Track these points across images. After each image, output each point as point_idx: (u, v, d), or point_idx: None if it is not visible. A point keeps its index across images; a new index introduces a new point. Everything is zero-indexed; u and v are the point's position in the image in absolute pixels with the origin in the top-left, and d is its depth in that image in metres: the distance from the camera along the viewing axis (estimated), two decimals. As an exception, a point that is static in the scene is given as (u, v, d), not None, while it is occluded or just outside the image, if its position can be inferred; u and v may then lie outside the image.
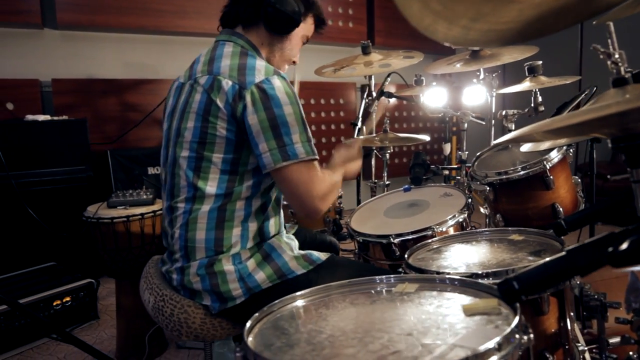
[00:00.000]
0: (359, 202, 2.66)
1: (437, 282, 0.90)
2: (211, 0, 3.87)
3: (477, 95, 2.98)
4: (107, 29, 3.62)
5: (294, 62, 1.49)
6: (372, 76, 2.25)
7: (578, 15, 0.62)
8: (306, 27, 1.43)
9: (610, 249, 0.61)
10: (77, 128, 3.09)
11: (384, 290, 0.94)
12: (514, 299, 0.73)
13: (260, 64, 1.26)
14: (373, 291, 0.94)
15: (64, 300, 2.47)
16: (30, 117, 3.03)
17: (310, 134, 1.24)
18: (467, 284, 0.87)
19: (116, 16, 3.57)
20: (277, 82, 1.21)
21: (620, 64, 0.74)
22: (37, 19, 3.29)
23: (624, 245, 0.59)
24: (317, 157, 1.23)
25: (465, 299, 0.85)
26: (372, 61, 2.12)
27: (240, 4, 1.35)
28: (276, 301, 0.88)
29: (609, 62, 0.74)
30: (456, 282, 0.88)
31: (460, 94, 3.31)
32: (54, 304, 2.43)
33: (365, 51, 2.17)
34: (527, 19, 0.59)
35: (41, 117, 3.03)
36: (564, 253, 0.70)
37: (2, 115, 3.10)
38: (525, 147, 1.45)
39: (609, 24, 0.75)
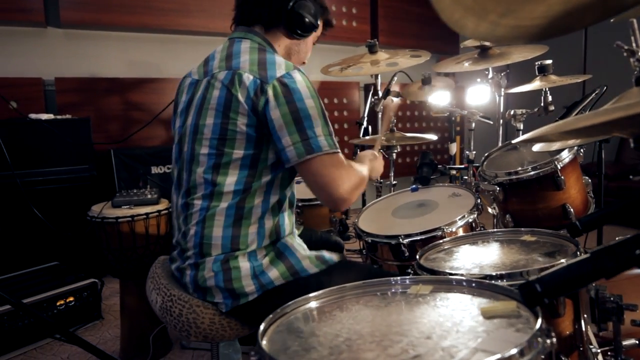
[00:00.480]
0: (364, 202, 2.64)
1: (454, 283, 0.89)
2: (215, -1, 3.87)
3: (481, 94, 2.98)
4: (111, 27, 3.60)
5: (303, 63, 1.50)
6: (379, 75, 2.24)
7: (606, 11, 0.60)
8: (318, 30, 1.45)
9: (638, 252, 0.60)
10: (80, 127, 3.08)
11: (398, 292, 0.93)
12: (536, 302, 0.71)
13: (280, 59, 1.26)
14: (388, 293, 0.92)
15: (67, 300, 2.46)
16: (33, 115, 3.01)
17: (331, 128, 1.23)
18: (484, 285, 0.86)
19: (120, 15, 3.56)
20: (298, 76, 1.21)
21: (644, 62, 0.72)
22: (40, 18, 3.28)
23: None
24: (338, 150, 1.22)
25: (482, 301, 0.84)
26: (379, 60, 2.10)
27: (263, 6, 1.34)
28: (289, 302, 0.87)
29: (631, 60, 0.72)
30: (473, 284, 0.86)
31: (464, 93, 3.31)
32: (58, 303, 2.41)
33: (372, 50, 2.15)
34: (555, 14, 0.57)
35: (44, 116, 3.01)
36: (588, 255, 0.68)
37: (6, 114, 3.08)
38: (537, 147, 1.44)
39: (633, 21, 0.74)
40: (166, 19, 3.75)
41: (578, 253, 1.08)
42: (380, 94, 2.21)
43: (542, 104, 1.86)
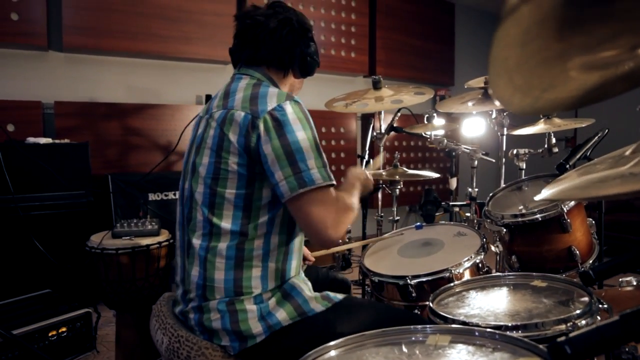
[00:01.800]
0: (364, 235, 2.63)
1: (476, 334, 0.88)
2: (215, 27, 3.92)
3: (476, 127, 3.03)
4: (112, 53, 3.62)
5: None
6: (382, 112, 2.26)
7: (635, 81, 0.62)
8: None
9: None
10: (78, 152, 3.05)
11: (417, 343, 0.92)
12: (564, 362, 0.71)
13: (272, 91, 1.26)
14: (407, 344, 0.91)
15: (59, 331, 2.39)
16: (31, 139, 2.99)
17: (325, 159, 1.22)
18: (508, 339, 0.85)
19: (121, 40, 3.58)
20: (289, 107, 1.21)
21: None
22: (43, 42, 3.29)
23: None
24: (333, 182, 1.21)
25: (504, 356, 0.83)
26: (383, 97, 2.13)
27: (279, 50, 1.36)
28: (310, 353, 0.85)
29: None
30: (497, 337, 0.86)
31: (458, 124, 3.36)
32: (50, 334, 2.34)
33: (376, 86, 2.18)
34: (589, 87, 0.59)
35: (42, 140, 2.99)
36: (617, 318, 0.68)
37: (3, 137, 3.05)
38: (541, 195, 1.45)
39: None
40: (167, 46, 3.78)
41: (592, 302, 1.08)
42: (383, 129, 2.23)
43: (546, 146, 1.89)
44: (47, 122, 3.37)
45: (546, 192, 0.80)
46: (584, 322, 1.00)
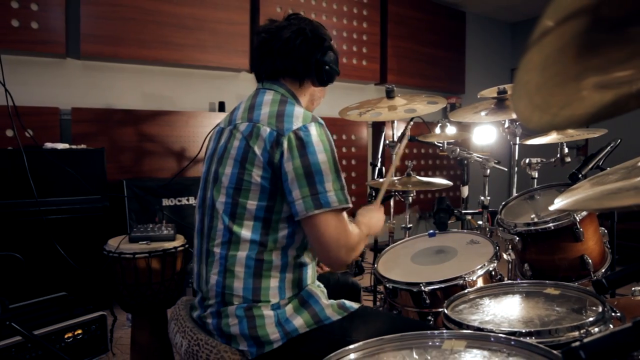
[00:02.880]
0: (376, 241, 2.66)
1: (492, 340, 0.90)
2: (229, 35, 3.98)
3: (487, 134, 3.04)
4: (128, 60, 3.69)
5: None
6: (395, 121, 2.29)
7: None
8: None
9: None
10: (94, 157, 3.11)
11: (434, 348, 0.94)
12: (579, 367, 0.72)
13: (298, 110, 1.29)
14: (424, 348, 0.94)
15: (75, 333, 2.43)
16: (49, 145, 3.06)
17: (343, 182, 1.25)
18: (523, 344, 0.87)
19: (138, 49, 3.65)
20: (313, 129, 1.24)
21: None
22: (61, 49, 3.37)
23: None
24: (349, 205, 1.24)
25: (520, 361, 0.85)
26: (396, 106, 2.16)
27: (293, 60, 1.38)
28: (330, 355, 0.88)
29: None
30: (512, 342, 0.88)
31: (469, 132, 3.38)
32: (66, 336, 2.38)
33: (390, 95, 2.21)
34: (604, 104, 0.62)
35: (60, 146, 3.06)
36: (631, 324, 0.70)
37: (22, 142, 3.12)
38: (556, 206, 1.47)
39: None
40: (182, 54, 3.85)
41: (605, 310, 1.10)
42: (396, 138, 2.26)
43: (558, 156, 1.91)
44: (64, 128, 3.44)
45: (560, 202, 0.82)
46: (597, 329, 1.02)
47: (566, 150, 1.91)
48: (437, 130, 2.38)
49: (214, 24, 3.95)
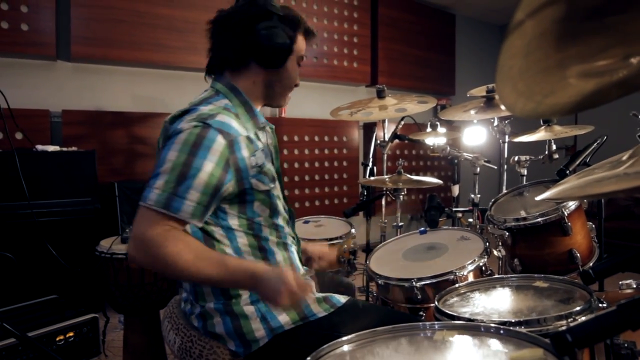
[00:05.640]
0: (368, 241, 2.67)
1: (482, 330, 0.92)
2: (221, 38, 3.98)
3: (478, 135, 3.07)
4: (119, 62, 3.68)
5: (296, 85, 1.40)
6: (386, 120, 2.31)
7: (630, 88, 0.66)
8: (298, 47, 1.33)
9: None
10: (85, 160, 3.10)
11: (425, 338, 0.96)
12: (567, 351, 0.74)
13: (204, 109, 1.19)
14: (415, 338, 0.95)
15: (67, 336, 2.42)
16: (40, 147, 3.04)
17: (183, 189, 1.09)
18: (512, 333, 0.89)
19: (128, 51, 3.65)
20: (186, 125, 1.13)
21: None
22: (51, 52, 3.36)
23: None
24: (170, 213, 1.08)
25: (509, 348, 0.87)
26: (387, 105, 2.18)
27: (226, 49, 1.29)
28: (324, 346, 0.89)
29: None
30: (501, 331, 0.90)
31: (460, 133, 3.41)
32: (57, 339, 2.37)
33: (380, 95, 2.23)
34: (587, 93, 0.64)
35: (50, 148, 3.04)
36: (615, 308, 0.73)
37: (7, 144, 3.10)
38: (543, 196, 1.50)
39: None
40: (174, 56, 3.85)
41: (592, 300, 1.12)
42: (387, 137, 2.28)
43: (547, 153, 1.94)
44: (54, 130, 3.42)
45: (547, 193, 0.84)
46: (583, 318, 1.04)
47: (554, 147, 1.94)
48: (428, 129, 2.40)
49: (205, 26, 3.95)
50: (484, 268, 1.62)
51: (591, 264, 1.71)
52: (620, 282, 1.63)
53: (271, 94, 1.36)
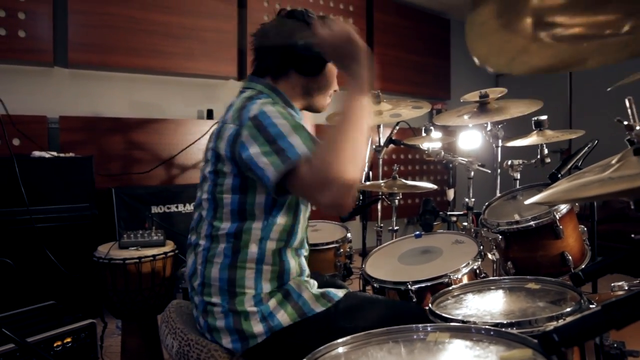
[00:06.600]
0: (364, 245, 2.69)
1: (473, 331, 0.94)
2: (216, 43, 4.01)
3: (472, 139, 3.11)
4: (116, 68, 3.71)
5: (335, 91, 1.50)
6: (381, 125, 2.34)
7: (603, 59, 0.68)
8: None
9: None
10: (83, 165, 3.11)
11: (419, 340, 0.98)
12: (554, 351, 0.77)
13: (261, 101, 1.26)
14: (407, 344, 0.97)
15: (65, 341, 2.42)
16: (37, 153, 3.05)
17: (309, 135, 1.19)
18: (502, 334, 0.91)
19: (125, 57, 3.67)
20: (269, 107, 1.22)
21: (641, 134, 0.82)
22: (49, 58, 3.38)
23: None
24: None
25: (499, 349, 0.89)
26: (382, 111, 2.21)
27: (267, 59, 1.39)
28: (320, 348, 0.91)
29: (632, 133, 0.81)
30: (492, 332, 0.92)
31: (455, 137, 3.45)
32: (55, 345, 2.37)
33: (375, 100, 2.26)
34: (562, 57, 0.65)
35: (48, 154, 3.06)
36: (599, 308, 0.75)
37: (5, 150, 3.11)
38: (531, 200, 1.52)
39: (629, 99, 0.84)
40: (170, 62, 3.87)
41: (582, 302, 1.14)
42: (382, 142, 2.30)
43: (539, 157, 1.97)
44: (52, 136, 3.44)
45: (535, 197, 0.87)
46: (587, 312, 1.06)
47: (546, 151, 1.97)
48: (423, 134, 2.43)
49: (202, 33, 3.99)
50: (478, 271, 1.64)
51: (583, 265, 1.73)
52: (612, 284, 1.66)
53: (310, 99, 1.45)
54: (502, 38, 0.56)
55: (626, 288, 1.65)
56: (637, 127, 0.82)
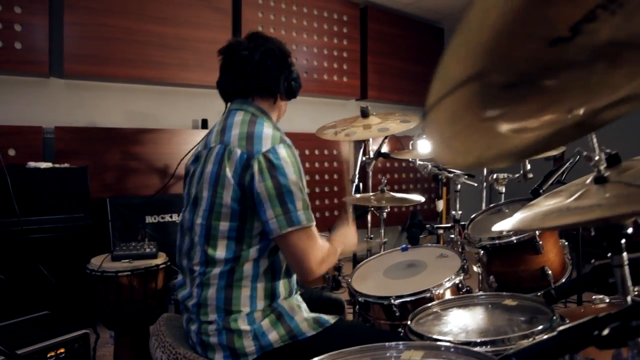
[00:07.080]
0: (354, 256, 2.73)
1: (442, 349, 0.98)
2: (211, 54, 4.03)
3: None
4: (111, 79, 3.75)
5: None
6: (371, 139, 2.38)
7: (571, 137, 0.72)
8: None
9: (595, 333, 0.71)
10: (77, 176, 3.14)
11: (392, 358, 1.02)
12: (514, 373, 0.81)
13: (267, 132, 1.36)
14: (383, 357, 1.01)
15: (58, 352, 2.45)
16: (32, 164, 3.09)
17: (307, 200, 1.34)
18: (469, 353, 0.95)
19: (120, 67, 3.71)
20: (282, 151, 1.32)
21: (600, 165, 0.86)
22: (44, 69, 3.41)
23: (606, 331, 0.69)
24: (314, 222, 1.34)
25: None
26: (371, 125, 2.25)
27: (266, 80, 1.46)
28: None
29: (590, 164, 0.85)
30: (460, 351, 0.96)
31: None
32: (48, 355, 2.40)
33: (364, 114, 2.30)
34: (528, 143, 0.70)
35: (43, 165, 3.09)
36: (556, 333, 0.79)
37: (5, 161, 3.15)
38: (495, 227, 1.56)
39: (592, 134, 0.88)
40: (164, 72, 3.91)
41: (554, 319, 1.18)
42: (371, 155, 2.35)
43: (521, 172, 2.02)
44: (47, 146, 3.47)
45: (499, 224, 0.91)
46: (545, 336, 1.10)
47: (528, 166, 2.01)
48: (411, 147, 2.47)
49: (197, 43, 4.03)
50: (460, 285, 1.68)
51: (564, 279, 1.77)
52: (593, 297, 1.70)
53: (280, 115, 1.61)
54: (464, 140, 0.60)
55: (607, 300, 1.69)
56: (596, 157, 0.86)
